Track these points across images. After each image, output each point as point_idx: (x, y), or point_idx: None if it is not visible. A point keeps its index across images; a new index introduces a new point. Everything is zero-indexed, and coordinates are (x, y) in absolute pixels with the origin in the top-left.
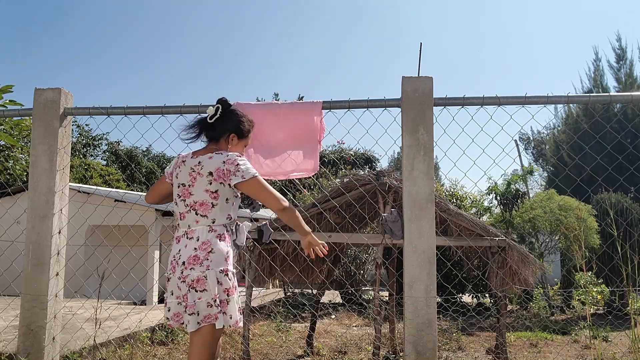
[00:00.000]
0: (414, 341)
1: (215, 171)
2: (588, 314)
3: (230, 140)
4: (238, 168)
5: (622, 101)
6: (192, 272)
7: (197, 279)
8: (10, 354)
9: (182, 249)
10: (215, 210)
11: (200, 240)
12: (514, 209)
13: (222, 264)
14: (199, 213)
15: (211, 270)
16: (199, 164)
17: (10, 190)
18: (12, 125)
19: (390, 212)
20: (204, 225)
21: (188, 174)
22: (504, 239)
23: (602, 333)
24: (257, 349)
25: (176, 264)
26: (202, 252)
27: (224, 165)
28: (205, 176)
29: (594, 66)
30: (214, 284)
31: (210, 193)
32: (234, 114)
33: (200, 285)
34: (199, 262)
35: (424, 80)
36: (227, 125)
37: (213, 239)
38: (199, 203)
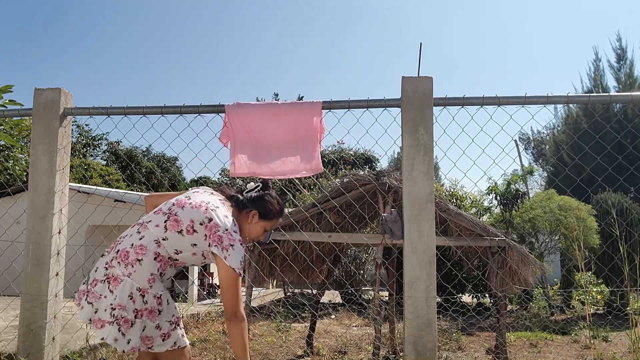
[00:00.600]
0: (414, 341)
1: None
2: (588, 314)
3: (251, 217)
4: (228, 248)
5: (622, 101)
6: (116, 267)
7: (115, 277)
8: (10, 354)
9: (126, 236)
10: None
11: (140, 242)
12: (514, 209)
13: (144, 282)
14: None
15: (131, 279)
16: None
17: (10, 190)
18: (12, 125)
19: (390, 212)
20: (155, 232)
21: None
22: (503, 239)
23: (602, 333)
24: (257, 349)
25: (115, 245)
26: (133, 255)
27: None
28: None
29: (594, 66)
30: (124, 292)
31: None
32: (268, 196)
33: (113, 284)
34: (125, 263)
35: (423, 80)
36: (254, 202)
37: (151, 251)
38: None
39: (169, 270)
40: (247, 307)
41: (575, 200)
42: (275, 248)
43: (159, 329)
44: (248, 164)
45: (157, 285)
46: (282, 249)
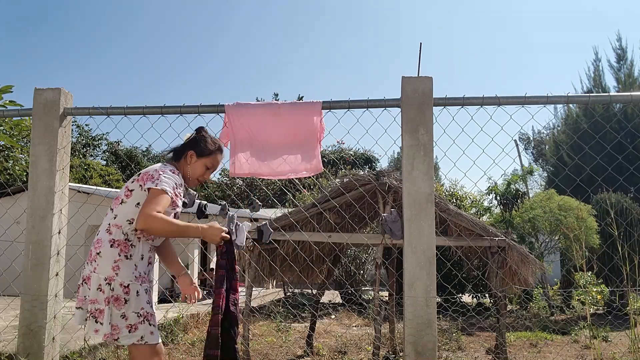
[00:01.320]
0: (414, 341)
1: (144, 173)
2: (588, 314)
3: (189, 158)
4: (159, 177)
5: (622, 101)
6: (86, 267)
7: (87, 276)
8: (10, 354)
9: None
10: (121, 207)
11: (97, 236)
12: (514, 209)
13: (107, 272)
14: (111, 207)
15: (96, 274)
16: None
17: (10, 190)
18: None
19: (390, 212)
20: (105, 223)
21: None
22: (503, 239)
23: (601, 333)
24: (257, 349)
25: None
26: (94, 250)
27: (154, 171)
28: (134, 176)
29: (594, 66)
30: (95, 286)
31: (127, 189)
32: (199, 135)
33: (89, 283)
34: (90, 260)
35: (423, 80)
36: (188, 145)
37: (105, 241)
38: (115, 198)
39: (135, 249)
40: (247, 307)
41: (575, 200)
42: (275, 248)
43: (125, 318)
44: (248, 164)
45: (124, 273)
46: (282, 249)
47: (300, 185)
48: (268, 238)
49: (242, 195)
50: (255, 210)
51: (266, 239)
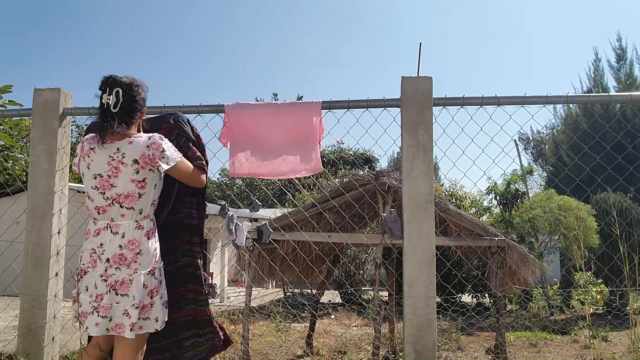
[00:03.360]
0: (414, 341)
1: (140, 158)
2: (587, 314)
3: (140, 118)
4: (163, 154)
5: (621, 101)
6: (117, 273)
7: (121, 281)
8: (10, 354)
9: (105, 243)
10: (142, 200)
11: (126, 238)
12: (514, 208)
13: (150, 264)
14: (125, 206)
15: (139, 274)
16: (117, 151)
17: (10, 190)
18: (12, 126)
19: (390, 212)
20: (131, 221)
21: (106, 163)
22: (503, 238)
23: (601, 333)
24: (256, 349)
25: (98, 258)
26: (130, 253)
27: (148, 150)
28: (130, 165)
29: (594, 66)
30: (139, 289)
31: (137, 183)
32: (133, 88)
33: (123, 289)
34: (126, 264)
35: (423, 80)
36: (135, 105)
37: (142, 237)
38: (124, 195)
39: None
40: (246, 307)
41: (574, 200)
42: (275, 248)
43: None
44: (248, 164)
45: (159, 256)
46: (282, 248)
47: (300, 185)
48: (268, 238)
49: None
50: (255, 210)
51: (266, 239)
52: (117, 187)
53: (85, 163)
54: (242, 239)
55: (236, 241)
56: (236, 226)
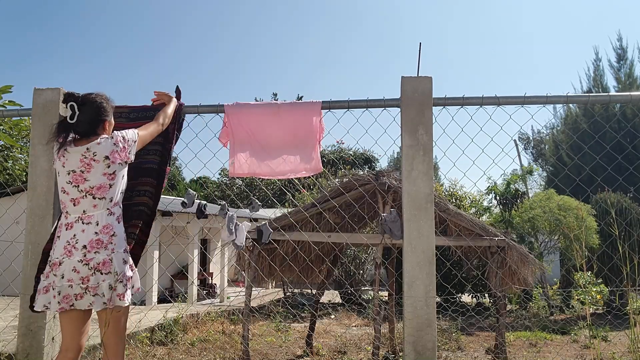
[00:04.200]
0: (414, 341)
1: (110, 154)
2: (587, 314)
3: (108, 126)
4: (127, 141)
5: (621, 101)
6: (96, 256)
7: (103, 262)
8: (9, 354)
9: (78, 234)
10: (112, 190)
11: (100, 225)
12: (514, 208)
13: (123, 244)
14: (97, 197)
15: (117, 252)
16: (88, 150)
17: (10, 190)
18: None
19: (390, 212)
20: (103, 210)
21: (79, 160)
22: (503, 238)
23: (601, 333)
24: (256, 348)
25: (73, 247)
26: (105, 236)
27: (115, 147)
28: (102, 161)
29: (594, 66)
30: (120, 264)
31: (108, 175)
32: (93, 103)
33: (105, 268)
34: (104, 246)
35: (423, 80)
36: (96, 117)
37: (114, 222)
38: (97, 187)
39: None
40: (246, 306)
41: (574, 200)
42: (275, 248)
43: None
44: (247, 164)
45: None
46: (282, 248)
47: (300, 185)
48: (267, 238)
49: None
50: (254, 210)
51: (265, 239)
52: (89, 181)
53: (61, 162)
54: (242, 239)
55: (236, 241)
56: (236, 226)
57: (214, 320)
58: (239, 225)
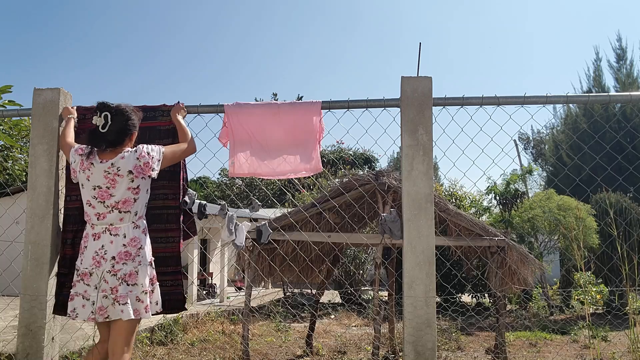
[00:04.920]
0: (413, 341)
1: (134, 169)
2: (587, 314)
3: (132, 138)
4: (151, 157)
5: (621, 101)
6: (124, 267)
7: (129, 274)
8: (9, 354)
9: (106, 245)
10: (137, 204)
11: (128, 237)
12: (513, 208)
13: (149, 257)
14: (122, 210)
15: (142, 265)
16: (112, 166)
17: (10, 190)
18: (12, 126)
19: (390, 212)
20: (129, 222)
21: (103, 177)
22: (503, 238)
23: (601, 333)
24: (256, 348)
25: (102, 258)
26: (133, 249)
27: (138, 161)
28: (126, 176)
29: (594, 66)
30: (144, 277)
31: (132, 190)
32: (124, 114)
33: (131, 280)
34: (131, 258)
35: (423, 80)
36: (125, 128)
37: (140, 235)
38: (122, 202)
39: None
40: (246, 307)
41: (574, 200)
42: (275, 248)
43: None
44: (247, 164)
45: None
46: (282, 248)
47: (300, 185)
48: (267, 238)
49: (242, 195)
50: (254, 210)
51: (265, 239)
52: (115, 196)
53: (85, 175)
54: (242, 239)
55: (236, 241)
56: (236, 226)
57: (214, 320)
58: (238, 225)
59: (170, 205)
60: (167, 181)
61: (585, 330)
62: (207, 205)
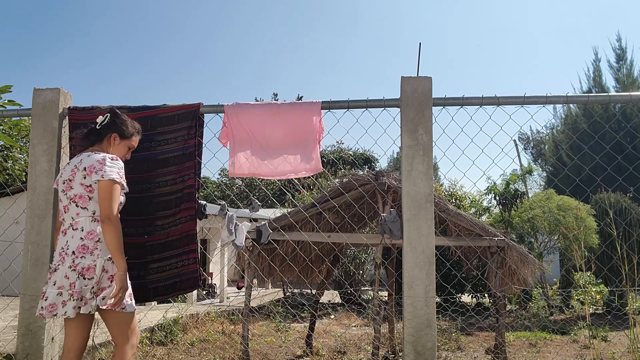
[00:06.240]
0: (413, 341)
1: (88, 167)
2: (587, 314)
3: (112, 140)
4: (102, 168)
5: (621, 101)
6: (82, 261)
7: (87, 267)
8: (9, 354)
9: (69, 240)
10: (92, 203)
11: (85, 230)
12: (513, 208)
13: (108, 252)
14: (79, 205)
15: (100, 258)
16: (80, 162)
17: (9, 190)
18: (11, 126)
19: (390, 212)
20: (86, 217)
21: (70, 170)
22: (503, 238)
23: (601, 333)
24: (256, 349)
25: (65, 254)
26: (90, 242)
27: (97, 163)
28: (81, 171)
29: (594, 66)
30: (99, 271)
31: (85, 187)
32: (119, 118)
33: (89, 273)
34: (89, 251)
35: (422, 81)
36: (110, 127)
37: (98, 228)
38: (78, 196)
39: None
40: (246, 307)
41: (574, 200)
42: (275, 248)
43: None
44: (248, 164)
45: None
46: (282, 249)
47: (300, 185)
48: (267, 238)
49: (242, 195)
50: (254, 211)
51: (265, 240)
52: (73, 189)
53: (60, 175)
54: (242, 239)
55: (236, 241)
56: (236, 226)
57: (214, 321)
58: (238, 226)
59: (179, 188)
60: (176, 166)
61: (585, 330)
62: (207, 205)
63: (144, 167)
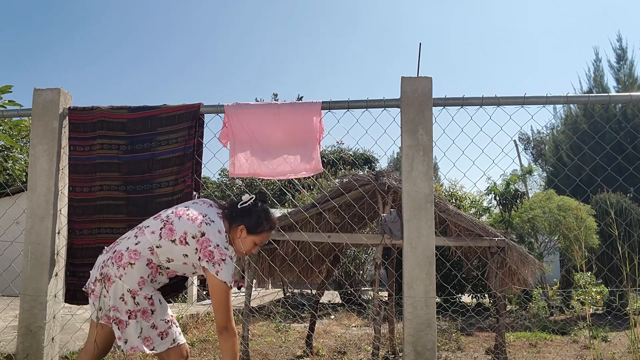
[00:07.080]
0: (413, 341)
1: (203, 241)
2: (587, 314)
3: (239, 232)
4: (220, 263)
5: (621, 101)
6: (109, 267)
7: (108, 277)
8: (9, 354)
9: (124, 242)
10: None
11: (131, 249)
12: (513, 209)
13: (134, 286)
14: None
15: (122, 281)
16: (208, 223)
17: (10, 190)
18: (12, 126)
19: (390, 212)
20: (147, 242)
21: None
22: (503, 239)
23: (601, 333)
24: (256, 349)
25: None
26: (127, 258)
27: (218, 252)
28: (194, 228)
29: (594, 66)
30: (115, 295)
31: (183, 237)
32: (261, 211)
33: (108, 285)
34: (118, 264)
35: (423, 81)
36: (243, 217)
37: (144, 258)
38: (168, 228)
39: (160, 277)
40: (246, 307)
41: (574, 201)
42: (275, 248)
43: (155, 328)
44: (248, 164)
45: (147, 288)
46: (282, 249)
47: (300, 185)
48: None
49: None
50: None
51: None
52: (176, 232)
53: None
54: None
55: None
56: None
57: (214, 321)
58: None
59: (180, 189)
60: (177, 167)
61: (585, 330)
62: None
63: (145, 167)
